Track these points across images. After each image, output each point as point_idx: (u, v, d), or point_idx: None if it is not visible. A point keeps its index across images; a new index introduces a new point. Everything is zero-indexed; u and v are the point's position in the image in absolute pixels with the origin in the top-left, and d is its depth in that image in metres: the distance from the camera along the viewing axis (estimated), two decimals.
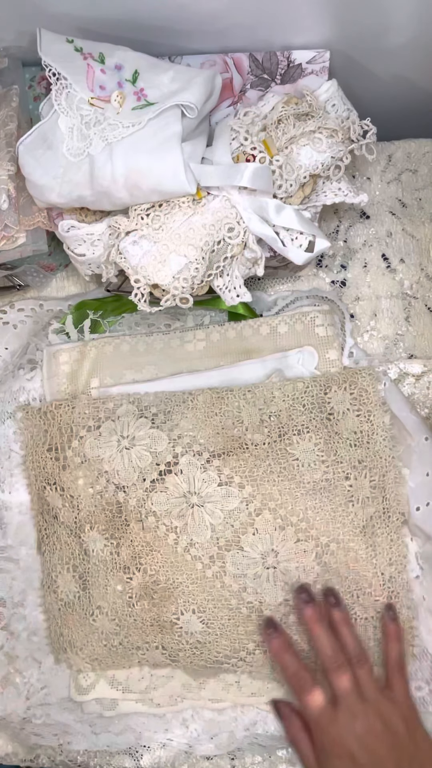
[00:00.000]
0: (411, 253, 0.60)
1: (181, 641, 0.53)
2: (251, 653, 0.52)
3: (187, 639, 0.53)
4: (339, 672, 0.48)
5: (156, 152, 0.45)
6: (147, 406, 0.54)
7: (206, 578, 0.52)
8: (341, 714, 0.47)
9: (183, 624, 0.52)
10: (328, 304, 0.57)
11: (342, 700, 0.48)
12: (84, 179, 0.47)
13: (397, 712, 0.48)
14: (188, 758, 0.56)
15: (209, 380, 0.55)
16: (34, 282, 0.61)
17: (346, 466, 0.52)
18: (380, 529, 0.52)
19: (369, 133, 0.50)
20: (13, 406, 0.58)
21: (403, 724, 0.48)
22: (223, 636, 0.52)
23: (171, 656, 0.53)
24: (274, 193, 0.48)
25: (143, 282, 0.47)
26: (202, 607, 0.52)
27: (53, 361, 0.58)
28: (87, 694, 0.56)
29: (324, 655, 0.49)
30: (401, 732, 0.47)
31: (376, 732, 0.47)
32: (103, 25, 0.51)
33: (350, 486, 0.52)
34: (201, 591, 0.52)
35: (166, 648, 0.53)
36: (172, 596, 0.53)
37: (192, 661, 0.53)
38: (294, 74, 0.54)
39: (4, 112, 0.52)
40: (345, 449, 0.52)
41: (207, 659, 0.53)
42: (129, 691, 0.55)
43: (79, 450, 0.54)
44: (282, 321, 0.56)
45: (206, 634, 0.52)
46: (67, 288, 0.62)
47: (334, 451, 0.52)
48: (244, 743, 0.55)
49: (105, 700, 0.56)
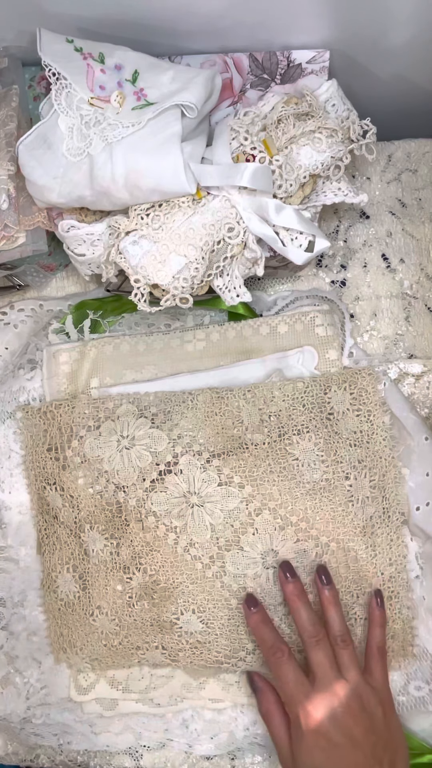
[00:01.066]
0: (411, 253, 0.60)
1: (180, 641, 0.53)
2: (251, 653, 0.52)
3: (187, 639, 0.53)
4: (318, 647, 0.47)
5: (156, 152, 0.45)
6: (147, 406, 0.54)
7: (206, 578, 0.52)
8: (318, 690, 0.46)
9: (183, 624, 0.52)
10: (328, 304, 0.57)
11: (320, 677, 0.47)
12: (84, 179, 0.47)
13: (375, 696, 0.47)
14: (188, 758, 0.56)
15: (209, 380, 0.55)
16: (34, 282, 0.61)
17: (345, 465, 0.52)
18: (380, 529, 0.52)
19: (369, 133, 0.50)
20: (13, 406, 0.58)
21: (381, 709, 0.47)
22: (223, 636, 0.52)
23: (171, 656, 0.53)
24: (274, 193, 0.48)
25: (143, 282, 0.47)
26: (202, 607, 0.52)
27: (53, 361, 0.58)
28: (87, 694, 0.56)
29: (303, 630, 0.48)
30: (378, 717, 0.46)
31: (353, 712, 0.46)
32: (103, 25, 0.51)
33: (350, 486, 0.52)
34: (201, 591, 0.52)
35: (166, 648, 0.53)
36: (172, 596, 0.53)
37: (192, 660, 0.53)
38: (294, 74, 0.54)
39: (4, 112, 0.52)
40: (345, 449, 0.52)
41: (207, 659, 0.53)
42: (129, 691, 0.55)
43: (79, 450, 0.54)
44: (282, 321, 0.56)
45: (206, 634, 0.52)
46: (67, 288, 0.62)
47: (334, 450, 0.52)
48: (244, 743, 0.55)
49: (105, 700, 0.56)
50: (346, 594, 0.52)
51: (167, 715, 0.55)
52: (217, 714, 0.55)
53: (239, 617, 0.52)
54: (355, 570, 0.52)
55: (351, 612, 0.52)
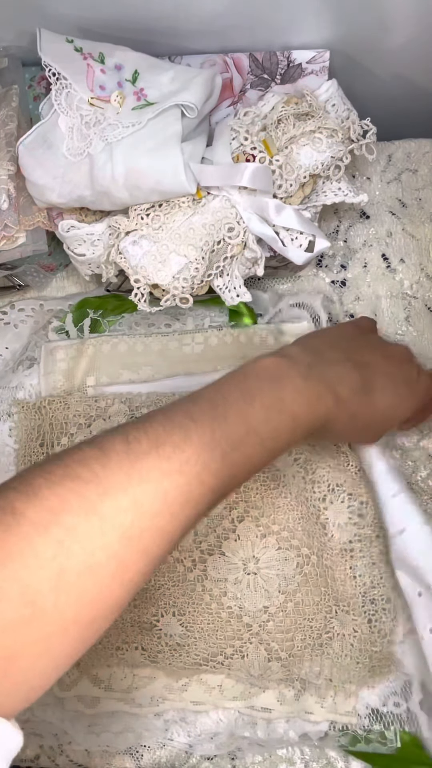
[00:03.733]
0: (411, 253, 0.60)
1: (160, 643, 0.52)
2: (229, 657, 0.52)
3: (167, 641, 0.52)
4: None
5: (156, 152, 0.45)
6: (138, 407, 0.54)
7: (187, 581, 0.52)
8: None
9: (163, 626, 0.52)
10: (329, 309, 0.57)
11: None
12: (84, 179, 0.47)
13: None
14: (188, 758, 0.56)
15: (204, 383, 0.55)
16: (34, 282, 0.61)
17: (324, 487, 0.52)
18: (360, 552, 0.52)
19: (369, 133, 0.50)
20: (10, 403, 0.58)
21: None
22: (202, 639, 0.52)
23: (150, 657, 0.53)
24: (274, 193, 0.48)
25: (143, 282, 0.47)
26: (182, 610, 0.52)
27: (50, 358, 0.58)
28: (69, 690, 0.56)
29: None
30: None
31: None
32: (103, 25, 0.51)
33: (325, 509, 0.52)
34: (182, 594, 0.52)
35: (145, 649, 0.53)
36: (153, 597, 0.52)
37: (171, 662, 0.53)
38: (294, 74, 0.54)
39: (4, 112, 0.52)
40: (324, 470, 0.52)
41: (186, 661, 0.52)
42: (111, 689, 0.55)
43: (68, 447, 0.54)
44: (280, 327, 0.56)
45: (185, 637, 0.52)
46: (67, 288, 0.62)
47: (313, 470, 0.52)
48: (244, 743, 0.55)
49: (86, 697, 0.56)
50: (324, 608, 0.52)
51: (167, 715, 0.55)
52: (217, 714, 0.55)
53: (219, 621, 0.52)
54: (333, 587, 0.51)
55: (329, 625, 0.52)
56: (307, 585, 0.52)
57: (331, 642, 0.52)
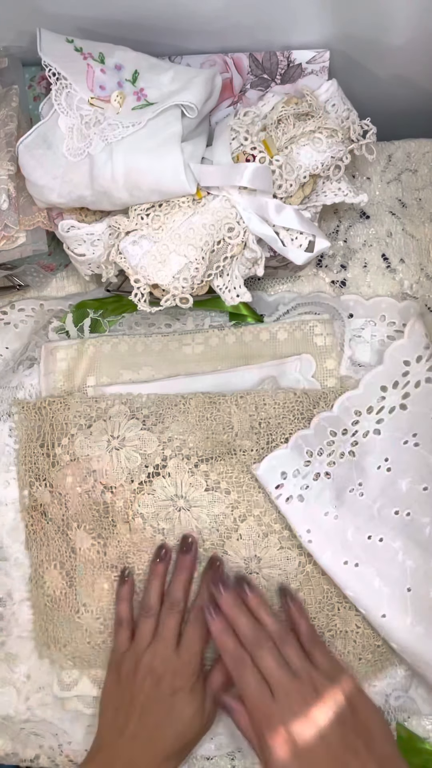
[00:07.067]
0: (411, 253, 0.60)
1: None
2: None
3: None
4: (263, 653, 0.46)
5: (156, 152, 0.45)
6: (139, 408, 0.55)
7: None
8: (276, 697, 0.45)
9: None
10: (330, 313, 0.57)
11: (274, 683, 0.45)
12: (84, 179, 0.47)
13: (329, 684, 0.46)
14: (188, 758, 0.56)
15: (205, 384, 0.55)
16: (34, 282, 0.61)
17: None
18: None
19: (369, 133, 0.50)
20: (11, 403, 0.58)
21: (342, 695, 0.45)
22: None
23: None
24: (274, 193, 0.47)
25: (143, 282, 0.47)
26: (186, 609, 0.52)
27: (50, 358, 0.58)
28: (69, 691, 0.56)
29: (245, 638, 0.47)
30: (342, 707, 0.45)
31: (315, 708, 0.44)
32: (103, 25, 0.51)
33: None
34: None
35: None
36: None
37: None
38: (294, 74, 0.54)
39: (4, 112, 0.52)
40: None
41: None
42: None
43: (69, 448, 0.54)
44: (281, 328, 0.56)
45: None
46: (67, 288, 0.62)
47: None
48: (244, 743, 0.55)
49: (86, 697, 0.56)
50: (326, 606, 0.52)
51: None
52: (217, 714, 0.55)
53: None
54: (335, 585, 0.51)
55: (331, 623, 0.52)
56: (309, 584, 0.52)
57: (333, 640, 0.52)
